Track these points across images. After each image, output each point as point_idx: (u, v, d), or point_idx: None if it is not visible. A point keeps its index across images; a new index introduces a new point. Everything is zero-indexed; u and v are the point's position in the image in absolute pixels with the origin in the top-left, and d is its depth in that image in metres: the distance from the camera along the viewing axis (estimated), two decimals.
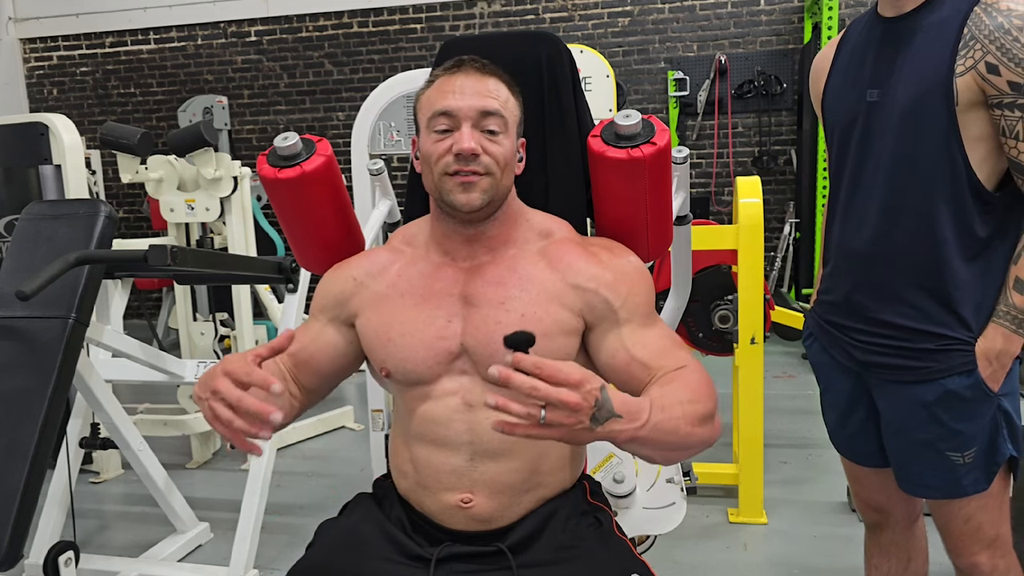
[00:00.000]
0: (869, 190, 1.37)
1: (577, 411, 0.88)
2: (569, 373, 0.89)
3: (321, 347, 1.27)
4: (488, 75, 1.20)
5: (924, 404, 1.36)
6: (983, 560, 1.42)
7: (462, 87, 1.17)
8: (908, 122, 1.31)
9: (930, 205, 1.31)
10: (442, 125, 1.17)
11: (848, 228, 1.42)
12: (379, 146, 3.10)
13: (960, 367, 1.32)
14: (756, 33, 5.61)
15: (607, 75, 3.04)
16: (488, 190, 1.17)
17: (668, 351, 1.17)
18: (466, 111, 1.16)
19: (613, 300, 1.18)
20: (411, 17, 6.02)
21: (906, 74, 1.31)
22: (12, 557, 1.80)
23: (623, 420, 0.93)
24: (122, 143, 3.15)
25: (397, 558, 1.18)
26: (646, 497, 1.60)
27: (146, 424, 3.26)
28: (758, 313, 2.61)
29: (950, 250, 1.31)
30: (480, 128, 1.17)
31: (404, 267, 1.26)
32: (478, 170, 1.16)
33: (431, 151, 1.18)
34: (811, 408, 3.92)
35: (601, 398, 0.90)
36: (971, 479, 1.37)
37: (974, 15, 1.24)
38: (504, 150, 1.18)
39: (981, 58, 1.23)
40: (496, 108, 1.17)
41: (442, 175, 1.17)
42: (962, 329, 1.33)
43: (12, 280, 2.11)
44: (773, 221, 5.49)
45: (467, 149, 1.14)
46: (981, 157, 1.28)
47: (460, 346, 1.18)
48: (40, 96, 6.72)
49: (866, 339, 1.41)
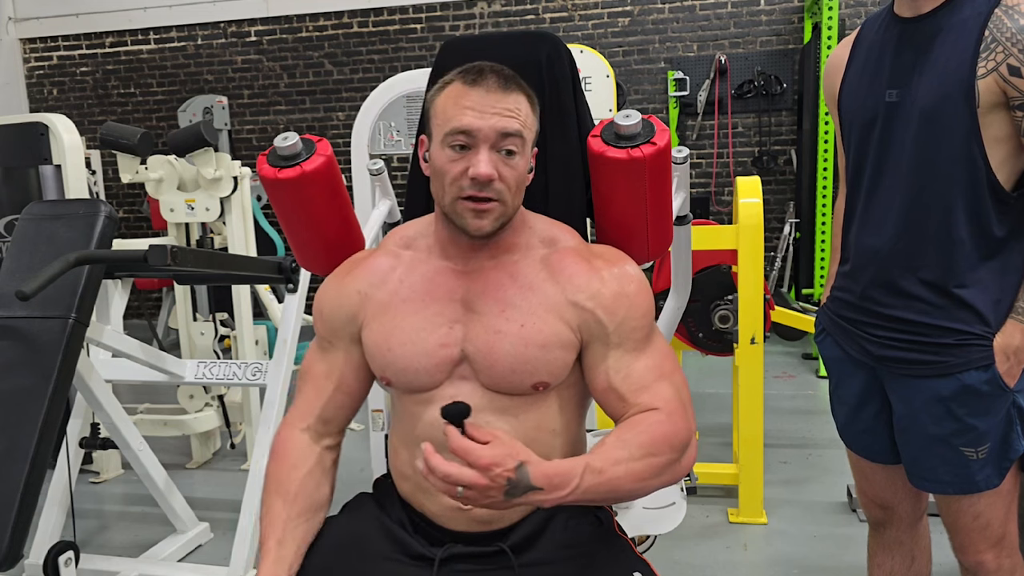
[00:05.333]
0: (889, 190, 1.38)
1: (484, 491, 0.96)
2: (479, 456, 0.95)
3: (351, 377, 1.27)
4: (510, 90, 1.14)
5: (940, 399, 1.37)
6: (989, 559, 1.43)
7: (483, 104, 1.12)
8: (929, 123, 1.31)
9: (949, 205, 1.32)
10: (459, 142, 1.13)
11: (867, 227, 1.43)
12: (379, 146, 3.10)
13: (978, 361, 1.34)
14: (756, 33, 5.61)
15: (607, 75, 3.03)
16: (500, 217, 1.16)
17: (648, 387, 1.15)
18: (486, 132, 1.11)
19: (608, 323, 1.17)
20: (411, 17, 6.02)
21: (927, 75, 1.32)
22: (12, 557, 1.80)
23: (544, 492, 0.99)
24: (122, 143, 3.14)
25: (399, 557, 1.18)
26: (646, 497, 1.60)
27: (146, 424, 3.26)
28: (758, 313, 2.61)
29: (967, 249, 1.32)
30: (498, 149, 1.13)
31: (405, 273, 1.24)
32: (491, 196, 1.13)
33: (445, 169, 1.14)
34: (811, 408, 3.92)
35: (515, 477, 0.97)
36: (984, 475, 1.38)
37: (995, 17, 1.25)
38: (518, 173, 1.15)
39: (1003, 60, 1.24)
40: (517, 129, 1.13)
41: (455, 199, 1.14)
42: (980, 324, 1.34)
43: (12, 280, 2.11)
44: (773, 221, 5.49)
45: (484, 175, 1.11)
46: (1001, 158, 1.29)
47: (461, 353, 1.18)
48: (40, 96, 6.72)
49: (882, 334, 1.42)
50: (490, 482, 0.95)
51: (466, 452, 0.96)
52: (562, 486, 0.99)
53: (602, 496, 1.04)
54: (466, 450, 0.96)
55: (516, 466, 0.97)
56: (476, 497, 0.97)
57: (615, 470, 1.04)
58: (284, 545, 1.17)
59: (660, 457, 1.08)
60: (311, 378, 1.28)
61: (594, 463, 1.03)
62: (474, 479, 0.95)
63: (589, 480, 1.01)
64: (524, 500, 0.99)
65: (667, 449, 1.09)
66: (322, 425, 1.27)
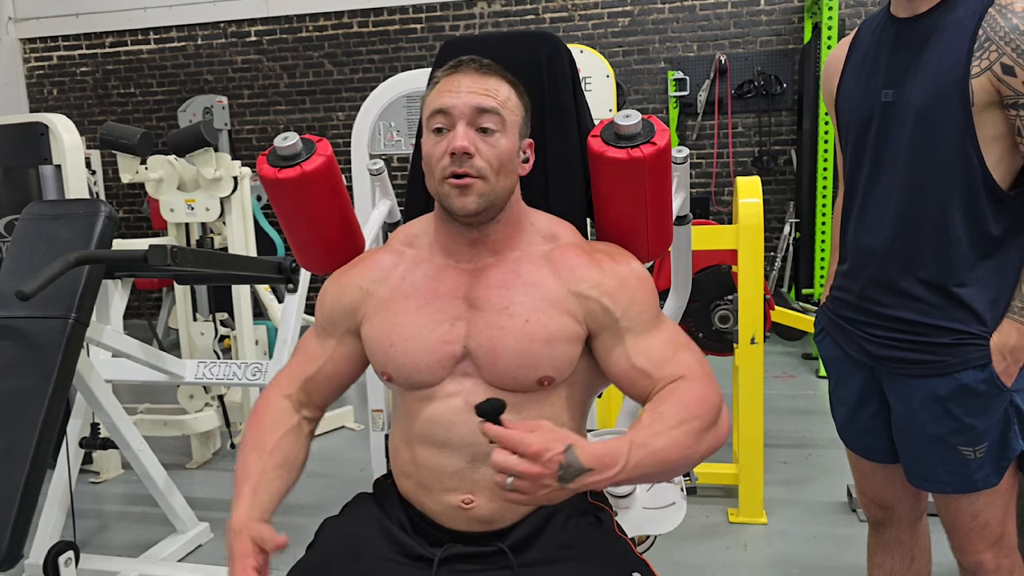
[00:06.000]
0: (885, 189, 1.39)
1: (538, 479, 0.94)
2: (528, 445, 0.93)
3: (339, 362, 1.29)
4: (487, 74, 1.19)
5: (938, 398, 1.37)
6: (987, 559, 1.43)
7: (459, 86, 1.17)
8: (924, 122, 1.32)
9: (945, 204, 1.32)
10: (438, 123, 1.17)
11: (864, 226, 1.44)
12: (379, 146, 3.11)
13: (975, 361, 1.34)
14: (756, 33, 5.61)
15: (607, 75, 3.03)
16: (484, 194, 1.16)
17: (669, 359, 1.17)
18: (461, 108, 1.15)
19: (614, 309, 1.18)
20: (411, 17, 6.02)
21: (921, 75, 1.32)
22: (12, 557, 1.80)
23: (595, 472, 0.97)
24: (122, 143, 3.15)
25: (397, 558, 1.18)
26: (646, 497, 1.60)
27: (146, 424, 3.27)
28: (758, 313, 2.62)
29: (964, 248, 1.33)
30: (476, 126, 1.16)
31: (407, 270, 1.25)
32: (470, 172, 1.15)
33: (430, 153, 1.18)
34: (811, 408, 3.92)
35: (565, 461, 0.94)
36: (982, 474, 1.38)
37: (989, 16, 1.25)
38: (499, 151, 1.17)
39: (997, 59, 1.24)
40: (492, 105, 1.16)
41: (441, 180, 1.17)
42: (977, 324, 1.34)
43: (12, 280, 2.11)
44: (773, 221, 5.49)
45: (459, 147, 1.14)
46: (997, 157, 1.29)
47: (464, 349, 1.18)
48: (40, 96, 6.72)
49: (880, 334, 1.42)
50: (543, 468, 0.93)
51: (514, 443, 0.94)
52: (612, 464, 0.98)
53: (652, 470, 1.03)
54: (514, 440, 0.94)
55: (565, 449, 0.95)
56: (528, 487, 0.94)
57: (658, 441, 1.03)
58: (258, 493, 1.17)
59: (698, 421, 1.07)
60: (302, 352, 1.32)
61: (637, 438, 1.03)
62: (526, 468, 0.93)
63: (637, 455, 1.00)
64: (578, 484, 0.96)
65: (702, 412, 1.09)
66: (304, 396, 1.30)
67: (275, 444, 1.23)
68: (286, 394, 1.29)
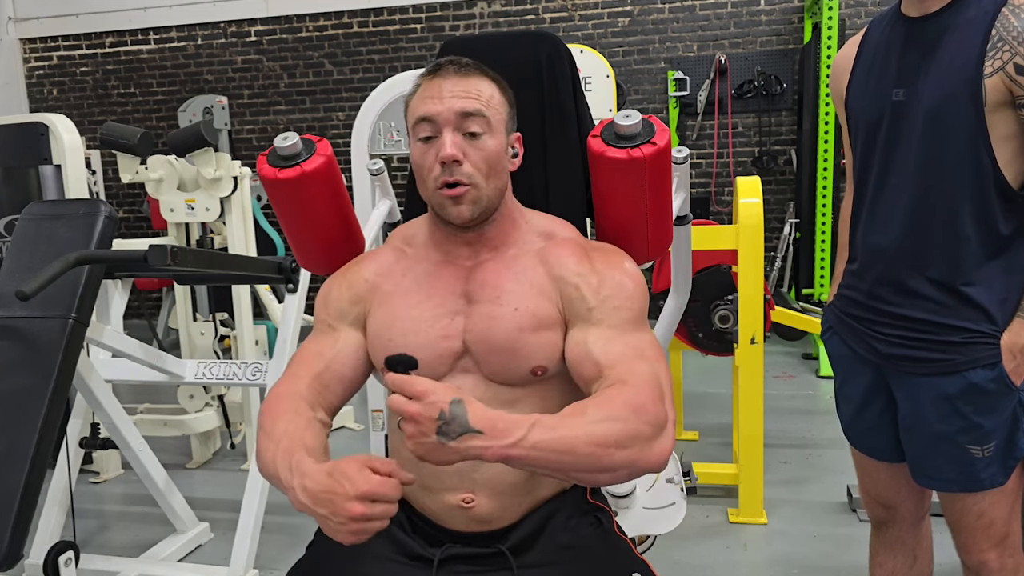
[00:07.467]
0: (895, 188, 1.39)
1: (418, 421, 0.91)
2: (413, 384, 0.93)
3: (347, 355, 1.22)
4: (469, 75, 1.17)
5: (946, 396, 1.37)
6: (992, 558, 1.43)
7: (441, 90, 1.15)
8: (935, 122, 1.32)
9: (955, 204, 1.33)
10: (425, 132, 1.16)
11: (874, 225, 1.44)
12: (379, 146, 3.11)
13: (985, 360, 1.34)
14: (756, 33, 5.61)
15: (607, 75, 3.04)
16: (477, 200, 1.16)
17: (626, 360, 1.09)
18: (446, 115, 1.14)
19: (589, 299, 1.16)
20: (411, 17, 6.02)
21: (933, 74, 1.32)
22: (12, 557, 1.80)
23: (484, 436, 0.92)
24: (122, 143, 3.15)
25: (397, 558, 1.18)
26: (646, 497, 1.60)
27: (146, 424, 3.26)
28: (758, 313, 2.61)
29: (974, 247, 1.33)
30: (462, 131, 1.15)
31: (408, 267, 1.25)
32: (462, 180, 1.14)
33: (420, 162, 1.17)
34: (811, 408, 3.92)
35: (449, 412, 0.91)
36: (989, 473, 1.39)
37: (1002, 16, 1.26)
38: (487, 153, 1.16)
39: (1010, 59, 1.24)
40: (477, 108, 1.15)
41: (435, 190, 1.16)
42: (987, 323, 1.34)
43: (12, 280, 2.11)
44: (773, 221, 5.49)
45: (447, 157, 1.13)
46: (1008, 157, 1.29)
47: (463, 344, 1.18)
48: (40, 96, 6.72)
49: (889, 332, 1.42)
50: (421, 409, 0.91)
51: (404, 384, 0.93)
52: (505, 434, 0.93)
53: (554, 458, 0.95)
54: (405, 383, 0.93)
55: (451, 400, 0.92)
56: (413, 432, 0.92)
57: (569, 429, 0.96)
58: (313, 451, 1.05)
59: (624, 424, 0.98)
60: (305, 354, 1.23)
61: (546, 419, 0.97)
62: (404, 404, 0.92)
63: (538, 435, 0.94)
64: (463, 446, 0.92)
65: (632, 416, 0.99)
66: (314, 394, 1.18)
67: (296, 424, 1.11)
68: (297, 391, 1.18)
